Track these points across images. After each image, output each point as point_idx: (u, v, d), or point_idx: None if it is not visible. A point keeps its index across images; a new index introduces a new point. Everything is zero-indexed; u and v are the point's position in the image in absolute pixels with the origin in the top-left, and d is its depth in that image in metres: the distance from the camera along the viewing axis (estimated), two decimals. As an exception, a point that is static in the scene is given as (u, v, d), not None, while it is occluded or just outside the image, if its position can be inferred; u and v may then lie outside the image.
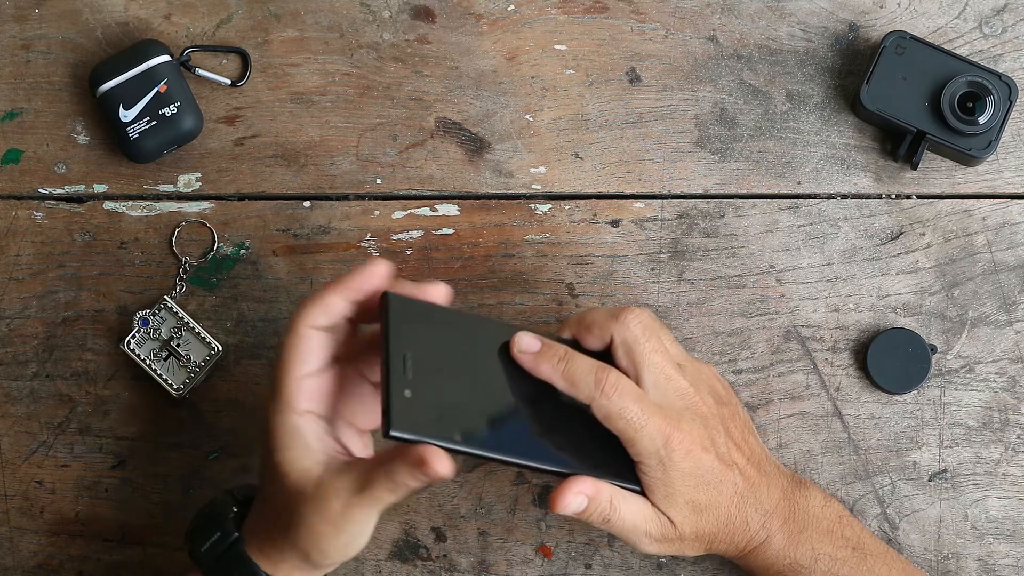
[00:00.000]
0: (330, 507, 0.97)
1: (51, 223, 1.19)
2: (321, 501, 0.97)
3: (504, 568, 1.15)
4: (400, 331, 0.97)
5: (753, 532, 1.05)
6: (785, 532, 1.06)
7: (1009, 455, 1.15)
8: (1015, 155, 1.17)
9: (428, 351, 0.98)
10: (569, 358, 1.02)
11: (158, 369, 1.16)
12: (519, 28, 1.19)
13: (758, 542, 1.05)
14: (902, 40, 1.15)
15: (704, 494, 1.03)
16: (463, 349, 1.00)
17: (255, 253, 1.18)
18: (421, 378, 0.97)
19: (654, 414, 1.01)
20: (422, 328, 0.98)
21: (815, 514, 1.07)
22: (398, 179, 1.18)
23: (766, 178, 1.18)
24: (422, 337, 0.98)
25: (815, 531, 1.06)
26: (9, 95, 1.20)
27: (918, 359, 1.14)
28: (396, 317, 0.97)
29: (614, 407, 1.01)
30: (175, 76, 1.17)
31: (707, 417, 1.04)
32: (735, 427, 1.06)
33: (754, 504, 1.05)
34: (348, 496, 0.97)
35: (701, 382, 1.06)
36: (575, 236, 1.17)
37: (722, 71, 1.18)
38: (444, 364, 0.98)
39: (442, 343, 0.99)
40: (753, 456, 1.07)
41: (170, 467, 1.17)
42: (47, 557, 1.17)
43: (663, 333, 1.06)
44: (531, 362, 1.02)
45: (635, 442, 1.01)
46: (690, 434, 1.02)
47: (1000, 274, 1.16)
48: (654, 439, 1.01)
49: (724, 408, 1.06)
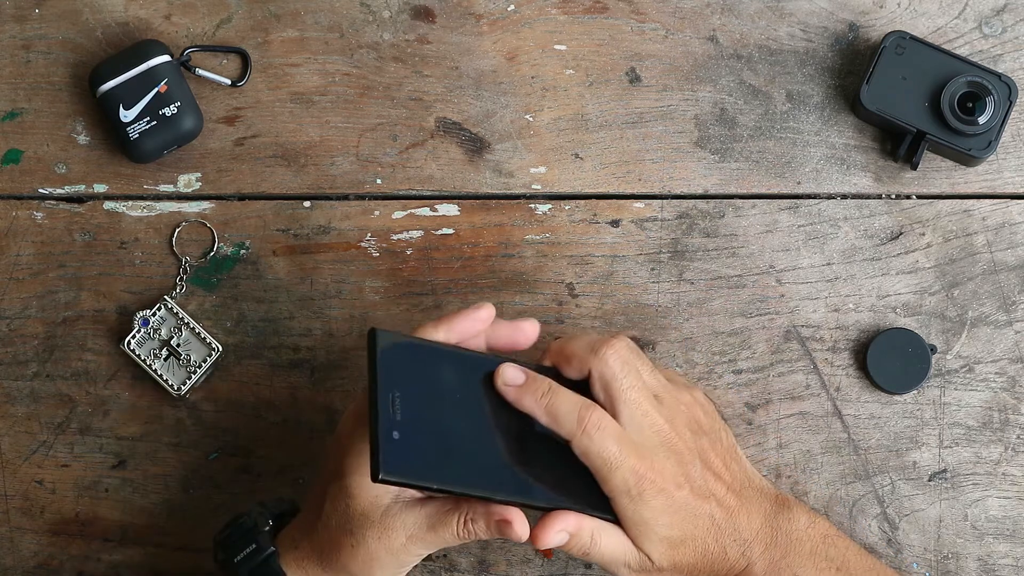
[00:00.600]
0: (395, 539, 1.01)
1: (51, 223, 1.19)
2: (387, 531, 1.00)
3: (504, 568, 1.15)
4: (388, 370, 0.96)
5: (732, 561, 1.05)
6: (766, 559, 1.06)
7: (1009, 455, 1.15)
8: (1015, 155, 1.17)
9: (416, 390, 0.97)
10: (552, 393, 1.02)
11: (158, 369, 1.16)
12: (519, 28, 1.19)
13: (739, 569, 1.05)
14: (902, 40, 1.15)
15: (678, 530, 1.03)
16: (450, 385, 1.00)
17: (255, 253, 1.18)
18: (409, 419, 0.96)
19: (631, 454, 1.02)
20: (410, 366, 0.98)
21: (798, 537, 1.07)
22: (398, 179, 1.18)
23: (766, 178, 1.18)
24: (410, 375, 0.97)
25: (797, 555, 1.06)
26: (9, 95, 1.20)
27: (918, 359, 1.14)
28: (384, 356, 0.97)
29: (594, 447, 1.01)
30: (175, 76, 1.17)
31: (682, 452, 1.04)
32: (715, 455, 1.06)
33: (732, 534, 1.05)
34: (416, 532, 1.00)
35: (679, 414, 1.05)
36: (575, 236, 1.17)
37: (722, 71, 1.18)
38: (431, 402, 0.98)
39: (430, 381, 0.99)
40: (734, 483, 1.06)
41: (170, 467, 1.17)
42: (47, 557, 1.17)
43: (641, 364, 1.05)
44: (515, 395, 1.02)
45: (608, 479, 1.02)
46: (662, 472, 1.02)
47: (1000, 274, 1.16)
48: (626, 478, 1.01)
49: (703, 439, 1.06)
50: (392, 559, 1.02)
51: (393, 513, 1.01)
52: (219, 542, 1.05)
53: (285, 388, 1.17)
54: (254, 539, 1.04)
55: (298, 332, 1.17)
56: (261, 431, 1.16)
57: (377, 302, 1.17)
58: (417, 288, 1.17)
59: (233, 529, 1.05)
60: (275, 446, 1.16)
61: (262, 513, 1.06)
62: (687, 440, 1.05)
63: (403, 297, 1.17)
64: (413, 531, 1.01)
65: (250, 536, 1.05)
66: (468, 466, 0.99)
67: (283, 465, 1.16)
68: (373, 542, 1.01)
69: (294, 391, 1.17)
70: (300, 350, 1.17)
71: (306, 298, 1.18)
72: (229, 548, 1.05)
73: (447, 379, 1.00)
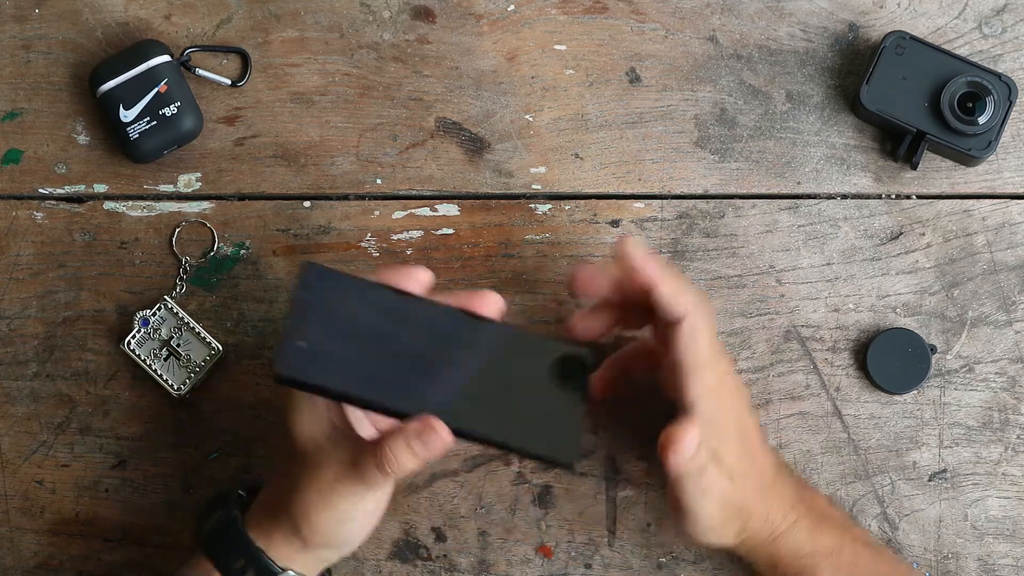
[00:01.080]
0: (323, 475, 0.99)
1: (51, 223, 1.19)
2: (317, 468, 0.99)
3: (504, 568, 1.15)
4: (309, 293, 0.98)
5: (774, 523, 1.05)
6: (809, 519, 1.06)
7: (1009, 455, 1.15)
8: (1015, 155, 1.17)
9: (334, 315, 0.99)
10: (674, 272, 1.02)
11: (158, 369, 1.16)
12: (519, 28, 1.19)
13: (784, 528, 1.05)
14: (902, 40, 1.15)
15: (743, 448, 1.03)
16: (378, 318, 1.00)
17: (255, 253, 1.18)
18: (319, 334, 0.98)
19: (723, 361, 1.02)
20: (336, 295, 0.99)
21: (827, 512, 1.08)
22: (398, 179, 1.19)
23: (766, 178, 1.18)
24: (333, 303, 0.99)
25: (830, 526, 1.07)
26: (9, 95, 1.20)
27: (918, 359, 1.14)
28: (307, 281, 0.98)
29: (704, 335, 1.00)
30: (175, 76, 1.17)
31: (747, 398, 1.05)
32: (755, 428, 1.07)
33: (782, 485, 1.06)
34: (340, 467, 0.99)
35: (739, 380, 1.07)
36: (575, 236, 1.17)
37: (722, 71, 1.18)
38: (349, 327, 0.99)
39: (353, 310, 0.99)
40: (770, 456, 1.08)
41: (170, 467, 1.17)
42: (47, 557, 1.17)
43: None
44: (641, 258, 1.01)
45: (700, 374, 1.00)
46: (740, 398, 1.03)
47: (1000, 274, 1.16)
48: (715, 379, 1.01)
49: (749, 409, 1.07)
50: (322, 500, 1.00)
51: (325, 450, 0.99)
52: (196, 518, 1.08)
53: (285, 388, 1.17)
54: (223, 507, 1.05)
55: (298, 332, 1.17)
56: (261, 431, 1.16)
57: (377, 302, 1.17)
58: (417, 288, 1.17)
59: (206, 504, 1.07)
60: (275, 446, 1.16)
61: (233, 488, 1.07)
62: (746, 398, 1.05)
63: (403, 297, 1.17)
64: (337, 467, 0.99)
65: (219, 505, 1.05)
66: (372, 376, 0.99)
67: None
68: (305, 481, 1.00)
69: (294, 391, 1.17)
70: (300, 350, 1.17)
71: (306, 298, 1.18)
72: (201, 519, 1.06)
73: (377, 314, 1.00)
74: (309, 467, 1.00)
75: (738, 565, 1.14)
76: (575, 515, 1.16)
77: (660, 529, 1.15)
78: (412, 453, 0.98)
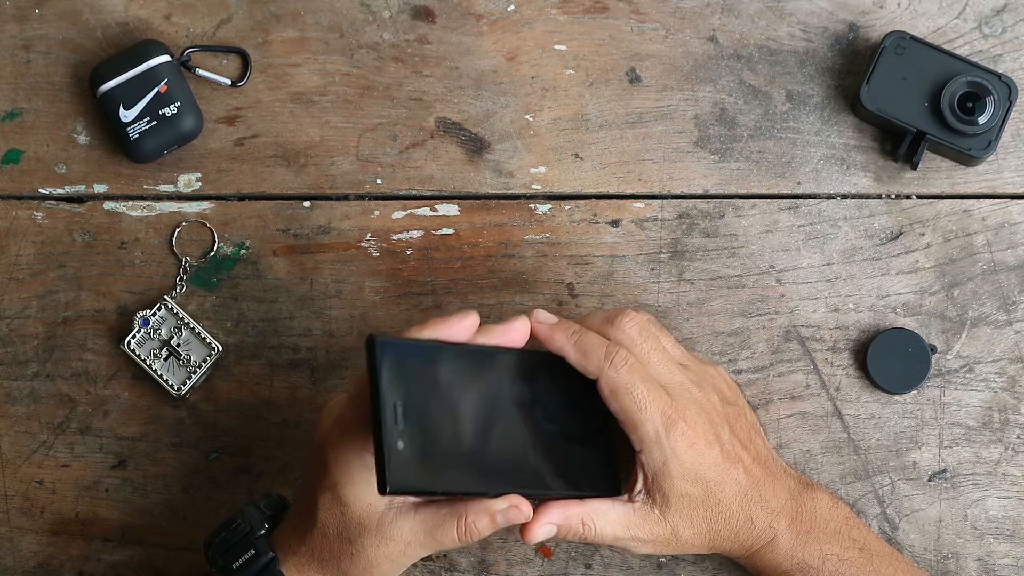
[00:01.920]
0: (394, 547, 1.00)
1: (51, 223, 1.19)
2: (385, 539, 0.99)
3: (504, 568, 1.15)
4: (389, 379, 0.94)
5: (759, 531, 1.05)
6: (792, 532, 1.05)
7: (1009, 455, 1.15)
8: (1015, 155, 1.17)
9: (417, 394, 0.96)
10: (582, 332, 1.02)
11: (158, 369, 1.16)
12: (519, 28, 1.19)
13: (764, 541, 1.05)
14: (902, 40, 1.15)
15: (703, 489, 1.02)
16: (450, 383, 0.98)
17: (255, 253, 1.18)
18: (412, 425, 0.95)
19: (660, 396, 1.01)
20: (410, 370, 0.96)
21: (822, 516, 1.07)
22: (398, 179, 1.19)
23: (766, 178, 1.18)
24: (410, 380, 0.95)
25: (822, 532, 1.06)
26: (9, 95, 1.20)
27: (918, 359, 1.14)
28: (384, 364, 0.94)
29: (622, 381, 1.00)
30: (175, 76, 1.17)
31: (711, 413, 1.04)
32: (740, 427, 1.06)
33: (759, 503, 1.05)
34: (414, 538, 0.99)
35: (705, 380, 1.06)
36: (575, 236, 1.17)
37: (722, 71, 1.18)
38: (434, 405, 0.97)
39: (430, 382, 0.97)
40: (759, 456, 1.06)
41: (170, 467, 1.17)
42: (47, 557, 1.17)
43: (663, 335, 1.05)
44: (546, 332, 1.02)
45: (638, 425, 1.01)
46: (695, 427, 1.02)
47: (1000, 274, 1.16)
48: (657, 424, 1.00)
49: (729, 407, 1.06)
50: (392, 565, 1.01)
51: (389, 521, 1.00)
52: (214, 546, 1.04)
53: (285, 388, 1.17)
54: (251, 544, 1.03)
55: (298, 332, 1.17)
56: (261, 431, 1.16)
57: (377, 302, 1.17)
58: (417, 288, 1.17)
59: (228, 533, 1.03)
60: (275, 446, 1.16)
61: (256, 516, 1.05)
62: (716, 404, 1.05)
63: (403, 297, 1.17)
64: (411, 538, 1.00)
65: (247, 541, 1.03)
66: (471, 467, 0.98)
67: (283, 465, 1.16)
68: (372, 550, 1.00)
69: (294, 391, 1.17)
70: (300, 350, 1.17)
71: (306, 298, 1.18)
72: (226, 553, 1.03)
73: (446, 377, 0.98)
74: (373, 536, 0.99)
75: (739, 565, 1.14)
76: (575, 515, 1.16)
77: None
78: (495, 525, 0.99)
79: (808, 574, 1.05)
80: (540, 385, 1.03)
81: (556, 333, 1.02)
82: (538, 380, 1.03)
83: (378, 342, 0.94)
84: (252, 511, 1.05)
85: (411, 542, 1.00)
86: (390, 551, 1.00)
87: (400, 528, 1.00)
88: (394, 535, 1.00)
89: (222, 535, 1.04)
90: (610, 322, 1.03)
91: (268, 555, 1.02)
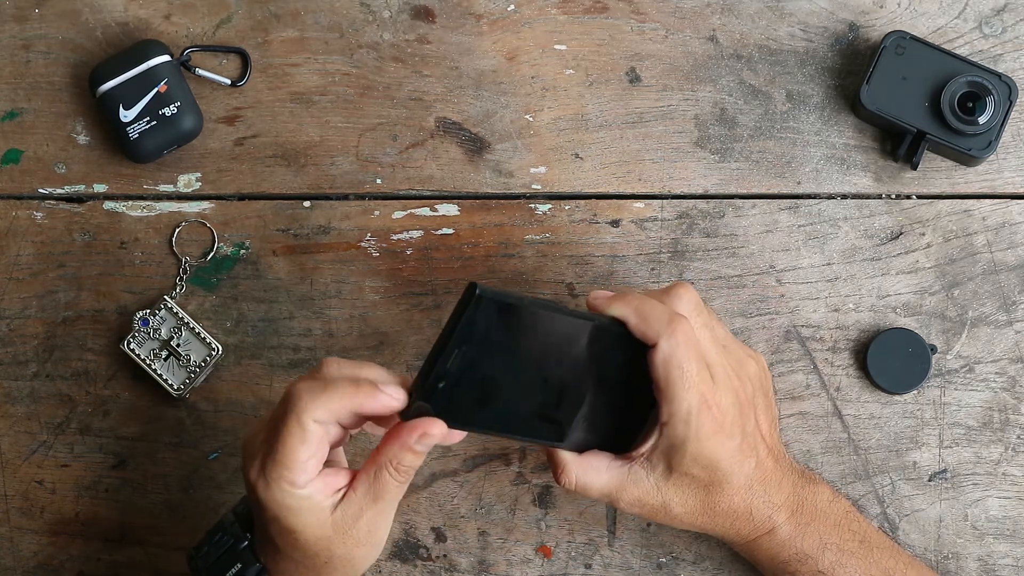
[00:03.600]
0: (356, 533, 0.99)
1: (51, 223, 1.19)
2: (345, 534, 0.99)
3: (504, 568, 1.15)
4: (466, 329, 0.95)
5: (757, 523, 1.05)
6: (792, 524, 1.06)
7: (1009, 455, 1.15)
8: (1015, 155, 1.17)
9: (482, 348, 0.96)
10: (645, 299, 1.02)
11: (158, 369, 1.16)
12: (519, 28, 1.19)
13: (762, 532, 1.06)
14: (902, 40, 1.15)
15: (711, 475, 1.03)
16: (516, 340, 0.98)
17: (255, 253, 1.18)
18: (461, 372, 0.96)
19: (705, 379, 1.01)
20: (489, 327, 0.96)
21: (823, 509, 1.07)
22: (398, 179, 1.19)
23: (766, 178, 1.18)
24: (484, 335, 0.96)
25: (822, 524, 1.06)
26: (9, 95, 1.20)
27: (918, 359, 1.14)
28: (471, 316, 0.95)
29: (678, 354, 1.00)
30: (175, 76, 1.17)
31: (743, 403, 1.04)
32: (764, 419, 1.06)
33: (762, 496, 1.05)
34: (365, 511, 0.98)
35: (744, 369, 1.06)
36: (575, 236, 1.17)
37: (722, 71, 1.18)
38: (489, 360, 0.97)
39: (498, 338, 0.97)
40: (774, 450, 1.07)
41: (170, 467, 1.17)
42: (47, 557, 1.17)
43: (711, 314, 1.06)
44: (605, 301, 1.01)
45: (676, 400, 1.01)
46: (724, 414, 1.02)
47: (1000, 274, 1.16)
48: (692, 404, 1.01)
49: (760, 398, 1.06)
50: (365, 549, 1.00)
51: (338, 518, 0.99)
52: (198, 559, 1.02)
53: (285, 388, 1.17)
54: (237, 557, 1.02)
55: (298, 332, 1.17)
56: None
57: (377, 302, 1.17)
58: (417, 288, 1.17)
59: (211, 547, 1.02)
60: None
61: (236, 526, 1.03)
62: (748, 393, 1.05)
63: (403, 297, 1.17)
64: (361, 511, 0.99)
65: (232, 554, 1.02)
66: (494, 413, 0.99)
67: (283, 465, 1.16)
68: (340, 549, 0.99)
69: (294, 391, 1.17)
70: (300, 350, 1.17)
71: (306, 298, 1.18)
72: (211, 568, 1.02)
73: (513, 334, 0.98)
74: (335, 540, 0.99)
75: (738, 565, 1.14)
76: (575, 515, 1.16)
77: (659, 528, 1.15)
78: (417, 455, 0.98)
79: (806, 563, 1.06)
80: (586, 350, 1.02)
81: (616, 302, 1.01)
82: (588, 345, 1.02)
83: (479, 293, 0.94)
84: (231, 520, 1.03)
85: (365, 517, 0.99)
86: (357, 538, 0.99)
87: (349, 514, 0.99)
88: (348, 525, 0.99)
89: (204, 550, 1.02)
90: (666, 293, 1.04)
91: (255, 566, 1.02)
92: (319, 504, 0.98)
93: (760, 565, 1.09)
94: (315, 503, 0.98)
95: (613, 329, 1.02)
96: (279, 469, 0.96)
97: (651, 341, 1.01)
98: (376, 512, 0.99)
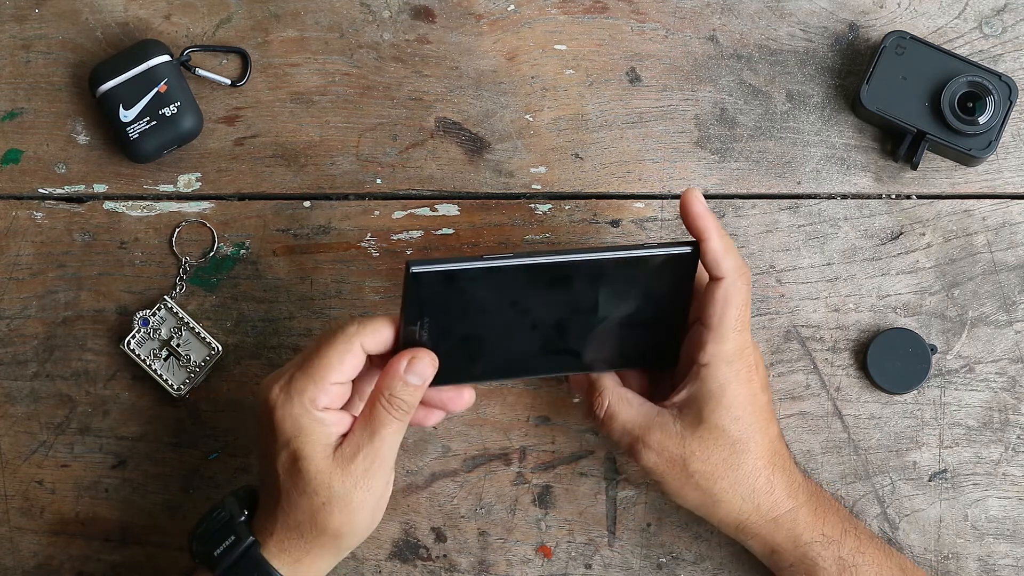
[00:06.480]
0: (354, 469, 1.01)
1: (51, 223, 1.19)
2: (345, 470, 1.01)
3: (504, 568, 1.15)
4: (418, 300, 1.00)
5: (777, 498, 1.05)
6: (811, 506, 1.06)
7: (1009, 455, 1.15)
8: (1015, 155, 1.17)
9: (444, 311, 1.01)
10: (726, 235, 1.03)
11: (158, 369, 1.16)
12: (519, 28, 1.19)
13: (783, 510, 1.05)
14: (902, 40, 1.15)
15: (739, 430, 1.03)
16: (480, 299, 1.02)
17: (255, 253, 1.18)
18: (433, 340, 1.02)
19: (749, 330, 1.04)
20: (441, 291, 1.00)
21: (834, 504, 1.08)
22: (398, 179, 1.19)
23: (766, 178, 1.18)
24: (439, 300, 1.01)
25: (837, 513, 1.07)
26: (9, 95, 1.20)
27: (918, 359, 1.14)
28: (416, 287, 1.00)
29: (742, 296, 1.02)
30: (175, 76, 1.17)
31: (766, 381, 1.06)
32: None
33: (783, 470, 1.05)
34: (362, 447, 1.01)
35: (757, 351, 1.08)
36: (575, 236, 1.17)
37: (722, 71, 1.18)
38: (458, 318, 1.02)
39: (459, 300, 1.01)
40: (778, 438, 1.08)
41: (170, 467, 1.17)
42: (47, 557, 1.17)
43: None
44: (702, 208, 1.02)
45: (725, 339, 1.02)
46: (759, 370, 1.04)
47: (1000, 274, 1.16)
48: (738, 346, 1.02)
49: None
50: (363, 492, 1.01)
51: (339, 453, 1.01)
52: (196, 536, 1.04)
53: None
54: (232, 531, 1.03)
55: (298, 332, 1.17)
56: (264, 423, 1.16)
57: (377, 302, 1.17)
58: (417, 288, 1.17)
59: (208, 523, 1.04)
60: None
61: (235, 504, 1.05)
62: (763, 379, 1.06)
63: (403, 297, 1.17)
64: (360, 449, 1.01)
65: (228, 528, 1.03)
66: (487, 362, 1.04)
67: (283, 465, 1.16)
68: (339, 486, 1.01)
69: (294, 391, 1.17)
70: (300, 350, 1.17)
71: (306, 298, 1.18)
72: (207, 542, 1.03)
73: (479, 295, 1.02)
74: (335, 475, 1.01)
75: (738, 565, 1.14)
76: (575, 515, 1.16)
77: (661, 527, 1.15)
78: (411, 386, 1.01)
79: (829, 548, 1.05)
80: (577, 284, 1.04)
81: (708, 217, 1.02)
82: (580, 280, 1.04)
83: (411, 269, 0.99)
84: (231, 500, 1.06)
85: (361, 450, 1.01)
86: (354, 475, 1.01)
87: (348, 451, 1.01)
88: (347, 457, 1.01)
89: (203, 525, 1.04)
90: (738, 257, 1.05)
91: (248, 539, 1.03)
92: (327, 432, 1.01)
93: (777, 550, 1.07)
94: (325, 430, 1.01)
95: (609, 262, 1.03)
96: (306, 382, 1.00)
97: (719, 273, 1.02)
98: (372, 450, 1.01)
